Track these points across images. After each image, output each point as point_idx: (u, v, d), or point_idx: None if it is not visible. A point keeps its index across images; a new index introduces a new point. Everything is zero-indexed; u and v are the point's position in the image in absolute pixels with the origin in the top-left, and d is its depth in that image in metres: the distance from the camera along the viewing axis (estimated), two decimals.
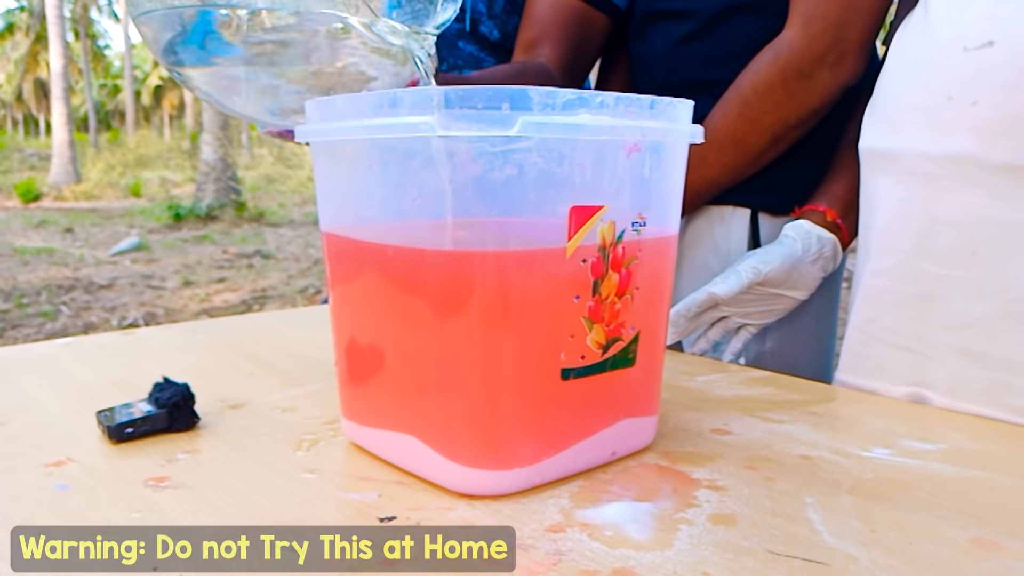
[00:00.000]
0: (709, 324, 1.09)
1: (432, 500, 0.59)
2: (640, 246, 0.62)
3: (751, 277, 1.01)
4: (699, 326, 1.07)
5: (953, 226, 0.83)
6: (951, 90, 0.82)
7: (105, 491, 0.60)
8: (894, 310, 0.88)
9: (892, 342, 0.89)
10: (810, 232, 1.05)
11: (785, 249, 1.03)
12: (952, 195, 0.83)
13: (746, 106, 1.07)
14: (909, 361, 0.87)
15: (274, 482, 0.62)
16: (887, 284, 0.89)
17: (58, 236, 9.77)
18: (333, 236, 0.66)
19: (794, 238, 1.04)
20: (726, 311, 1.05)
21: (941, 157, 0.83)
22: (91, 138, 31.01)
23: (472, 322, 0.56)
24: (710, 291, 1.02)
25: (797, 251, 1.03)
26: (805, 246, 1.04)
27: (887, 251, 0.89)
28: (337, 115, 0.62)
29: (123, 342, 1.06)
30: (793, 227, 1.06)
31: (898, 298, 0.88)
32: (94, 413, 0.73)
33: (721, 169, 1.12)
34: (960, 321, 0.83)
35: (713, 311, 1.06)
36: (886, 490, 0.61)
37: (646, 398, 0.68)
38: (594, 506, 0.58)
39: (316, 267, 7.67)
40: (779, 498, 0.59)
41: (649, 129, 0.60)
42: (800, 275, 1.04)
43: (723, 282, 1.02)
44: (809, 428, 0.75)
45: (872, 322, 0.91)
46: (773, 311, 1.07)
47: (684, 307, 1.03)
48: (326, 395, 0.83)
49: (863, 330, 0.92)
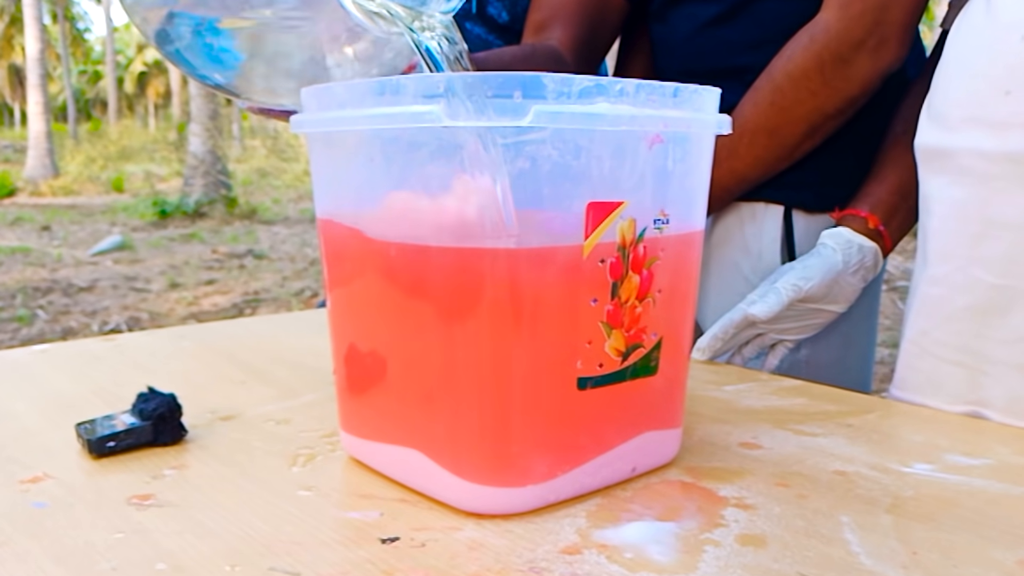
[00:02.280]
0: (744, 342, 1.08)
1: (438, 519, 0.59)
2: (663, 245, 0.62)
3: (791, 295, 1.01)
4: (733, 346, 1.07)
5: (1010, 230, 0.82)
6: (1009, 82, 0.80)
7: (85, 510, 0.60)
8: (948, 322, 0.88)
9: (946, 357, 0.88)
10: (851, 241, 1.04)
11: (825, 262, 1.03)
12: (1009, 197, 0.81)
13: (779, 94, 1.07)
14: (964, 377, 0.86)
15: (268, 500, 0.62)
16: (941, 294, 0.88)
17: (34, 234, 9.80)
18: (331, 234, 0.66)
19: (834, 248, 1.04)
20: (762, 328, 1.05)
21: (998, 155, 0.82)
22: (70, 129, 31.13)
23: (482, 327, 0.56)
24: (748, 312, 1.02)
25: (838, 263, 1.03)
26: (846, 257, 1.03)
27: (941, 258, 0.89)
28: (335, 103, 0.62)
29: (104, 349, 1.07)
30: (832, 236, 1.05)
31: (952, 309, 0.87)
32: (73, 426, 0.73)
33: (752, 163, 1.11)
34: (1018, 335, 0.83)
35: (749, 330, 1.05)
36: (928, 508, 0.61)
37: (669, 409, 0.68)
38: (613, 526, 0.58)
39: (313, 268, 7.68)
40: (813, 517, 0.59)
41: (672, 119, 0.60)
42: (840, 288, 1.04)
43: (761, 302, 1.02)
44: (845, 442, 0.75)
45: (926, 335, 0.90)
46: (811, 326, 1.07)
47: (720, 330, 1.03)
48: (324, 406, 0.83)
49: (916, 343, 0.91)
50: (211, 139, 12.19)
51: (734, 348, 1.09)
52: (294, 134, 0.68)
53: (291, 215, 12.06)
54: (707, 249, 1.24)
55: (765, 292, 1.03)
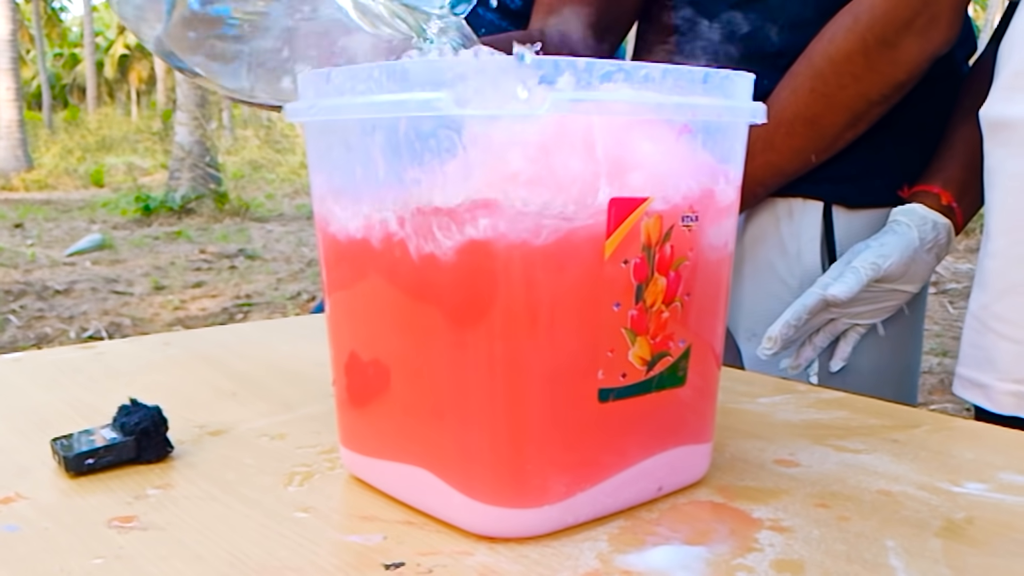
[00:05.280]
0: (814, 330, 1.09)
1: (447, 543, 0.59)
2: (691, 245, 0.62)
3: (870, 274, 1.02)
4: (804, 334, 1.08)
5: None
6: None
7: (62, 533, 0.60)
8: (1004, 296, 0.89)
9: (1002, 332, 0.90)
10: (925, 217, 1.06)
11: (902, 239, 1.04)
12: None
13: (820, 80, 1.06)
14: (1016, 354, 0.87)
15: (261, 523, 0.62)
16: (998, 267, 0.90)
17: (5, 232, 9.84)
18: (330, 233, 0.66)
19: (908, 224, 1.05)
20: (835, 312, 1.06)
21: None
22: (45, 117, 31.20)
23: (494, 334, 0.56)
24: (826, 294, 1.03)
25: (914, 240, 1.04)
26: (921, 234, 1.04)
27: (1002, 231, 0.91)
28: (334, 90, 0.62)
29: (83, 358, 1.07)
30: (905, 212, 1.07)
31: (1008, 283, 0.89)
32: (48, 441, 0.73)
33: (790, 155, 1.11)
34: None
35: (822, 314, 1.06)
36: (981, 532, 0.61)
37: (698, 423, 0.68)
38: (637, 550, 0.58)
39: (310, 269, 7.70)
40: (855, 541, 0.59)
41: (702, 107, 0.60)
42: (917, 266, 1.05)
43: (839, 282, 1.03)
44: (890, 459, 0.75)
45: (985, 309, 0.92)
46: (886, 308, 1.09)
47: (793, 316, 1.04)
48: (322, 420, 0.83)
49: (977, 317, 0.94)
50: (199, 128, 12.20)
51: (804, 336, 1.09)
52: (290, 123, 0.68)
53: (286, 212, 12.08)
54: (740, 249, 1.24)
55: (841, 273, 1.04)
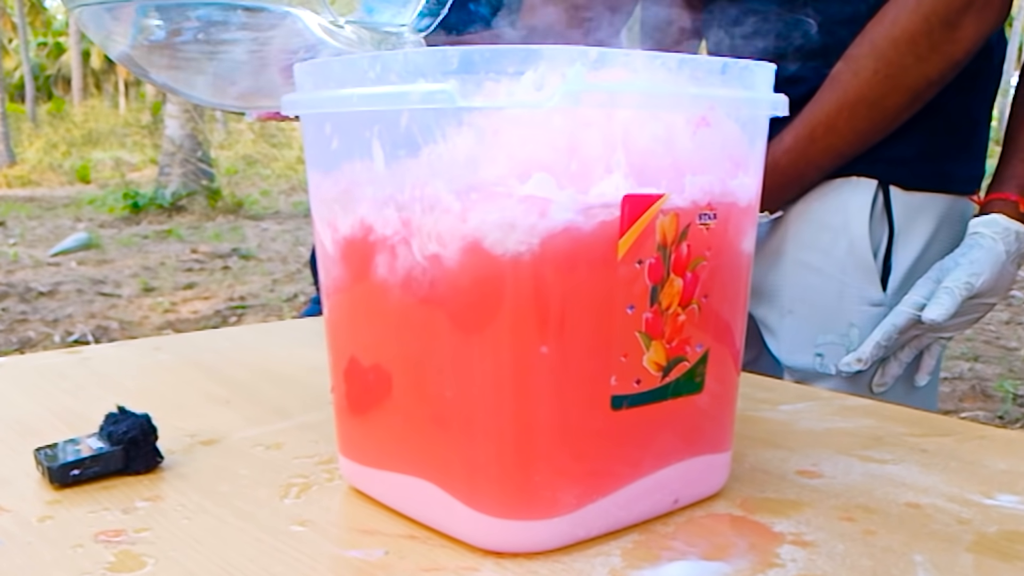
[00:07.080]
0: (901, 346, 1.11)
1: (452, 558, 0.59)
2: (709, 244, 0.62)
3: (964, 294, 1.05)
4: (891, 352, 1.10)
5: None
6: None
7: (46, 548, 0.60)
8: None
9: None
10: (1008, 229, 1.08)
11: (989, 254, 1.07)
12: None
13: (883, 62, 1.09)
14: None
15: (256, 536, 0.62)
16: None
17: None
18: (328, 231, 0.66)
19: (993, 238, 1.08)
20: (921, 328, 1.09)
21: None
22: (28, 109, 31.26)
23: (501, 338, 0.56)
24: (923, 316, 1.05)
25: (1001, 253, 1.07)
26: (1007, 246, 1.08)
27: None
28: (333, 82, 0.62)
29: (68, 363, 1.07)
30: (987, 223, 1.09)
31: None
32: (32, 451, 0.73)
33: (853, 137, 1.14)
34: None
35: (909, 331, 1.08)
36: (1014, 546, 0.61)
37: (716, 432, 0.68)
38: (652, 566, 0.58)
39: (307, 270, 7.69)
40: (882, 556, 0.59)
41: (720, 98, 0.60)
42: (1003, 279, 1.08)
43: (935, 304, 1.05)
44: (919, 469, 0.75)
45: None
46: (970, 321, 1.12)
47: (883, 337, 1.07)
48: (320, 429, 0.83)
49: None
50: (190, 122, 12.21)
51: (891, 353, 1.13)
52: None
53: (282, 209, 12.10)
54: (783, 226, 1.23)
55: (934, 293, 1.07)
